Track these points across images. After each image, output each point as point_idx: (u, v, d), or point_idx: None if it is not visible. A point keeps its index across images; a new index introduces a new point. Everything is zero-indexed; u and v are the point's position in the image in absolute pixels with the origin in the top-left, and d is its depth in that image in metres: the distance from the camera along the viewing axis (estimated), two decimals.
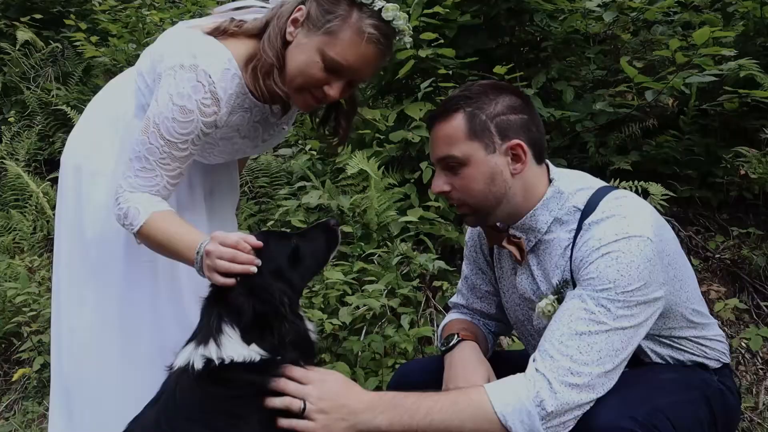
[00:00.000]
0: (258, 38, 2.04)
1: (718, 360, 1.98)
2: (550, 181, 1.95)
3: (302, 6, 1.98)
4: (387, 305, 3.20)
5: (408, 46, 2.17)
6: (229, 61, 1.98)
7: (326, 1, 1.96)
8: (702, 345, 1.95)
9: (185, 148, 1.98)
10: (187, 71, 1.93)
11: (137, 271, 2.17)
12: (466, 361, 2.01)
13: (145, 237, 1.96)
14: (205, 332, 1.80)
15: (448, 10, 3.79)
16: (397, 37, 2.04)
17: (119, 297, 2.18)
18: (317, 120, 2.30)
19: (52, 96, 5.80)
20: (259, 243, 1.83)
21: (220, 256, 1.76)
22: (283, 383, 1.74)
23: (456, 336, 2.08)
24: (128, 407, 1.89)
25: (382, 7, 1.95)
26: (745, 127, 3.97)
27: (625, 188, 3.33)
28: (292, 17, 1.99)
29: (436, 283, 3.43)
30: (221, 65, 1.96)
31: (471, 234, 2.26)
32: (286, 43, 2.00)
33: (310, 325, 1.94)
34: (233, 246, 1.77)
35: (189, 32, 2.06)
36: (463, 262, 2.32)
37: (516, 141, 1.86)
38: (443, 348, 2.09)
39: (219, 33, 2.03)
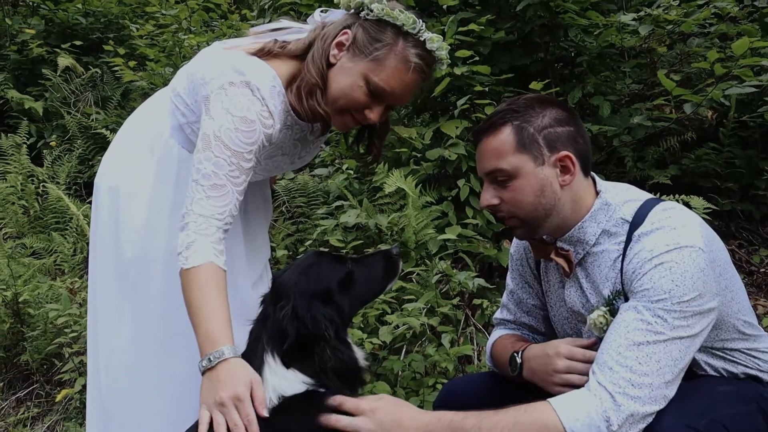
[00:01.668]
0: (299, 59, 2.08)
1: None
2: (597, 193, 1.95)
3: (348, 30, 2.02)
4: (427, 324, 3.19)
5: (443, 71, 2.19)
6: (274, 78, 2.01)
7: (373, 28, 2.00)
8: (755, 357, 1.93)
9: (250, 159, 1.97)
10: (239, 87, 1.95)
11: (176, 290, 2.17)
12: (540, 351, 1.99)
13: (184, 281, 1.89)
14: (250, 360, 1.80)
15: (482, 28, 3.79)
16: (436, 65, 2.10)
17: (158, 317, 2.18)
18: (351, 139, 2.33)
19: (92, 120, 5.91)
20: (263, 413, 1.72)
21: (226, 415, 1.70)
22: (334, 419, 1.72)
23: (517, 355, 2.05)
24: (166, 428, 1.89)
25: (428, 38, 2.01)
26: None
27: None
28: (336, 40, 2.03)
29: (476, 301, 3.41)
30: (268, 82, 1.99)
31: (517, 247, 2.25)
32: (329, 65, 2.03)
33: (359, 353, 1.91)
34: (244, 418, 1.70)
35: (231, 53, 2.08)
36: (508, 276, 2.31)
37: (564, 152, 1.87)
38: (514, 373, 2.06)
39: (263, 54, 2.06)
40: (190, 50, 5.43)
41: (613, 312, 1.84)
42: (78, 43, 6.47)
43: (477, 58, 3.78)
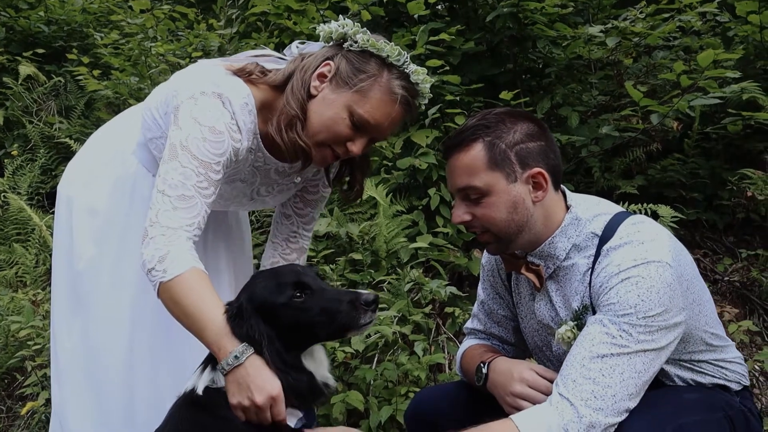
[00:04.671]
0: (277, 90, 2.03)
1: (739, 382, 1.98)
2: (568, 207, 1.94)
3: (330, 61, 1.99)
4: (399, 332, 3.18)
5: (422, 107, 2.16)
6: (248, 96, 1.98)
7: (357, 59, 1.97)
8: (722, 367, 1.95)
9: (219, 170, 1.89)
10: (210, 97, 1.90)
11: (117, 306, 2.15)
12: (506, 368, 1.97)
13: (171, 292, 1.75)
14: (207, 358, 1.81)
15: (453, 38, 3.81)
16: (419, 100, 2.07)
17: (103, 329, 2.16)
18: (333, 176, 2.28)
19: (55, 129, 5.80)
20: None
21: (261, 417, 1.68)
22: None
23: (484, 365, 2.04)
24: None
25: (413, 70, 1.99)
26: (748, 150, 4.00)
27: (634, 211, 3.33)
28: (318, 72, 1.99)
29: (447, 310, 3.41)
30: (241, 98, 1.95)
31: (488, 258, 2.24)
32: (310, 96, 1.99)
33: (319, 373, 1.81)
34: (276, 416, 1.70)
35: (210, 67, 2.04)
36: (479, 287, 2.30)
37: (537, 169, 1.86)
38: (479, 383, 2.05)
39: (243, 74, 2.01)
40: (156, 59, 5.37)
41: (581, 326, 1.84)
42: (40, 51, 6.31)
43: (447, 68, 3.80)
